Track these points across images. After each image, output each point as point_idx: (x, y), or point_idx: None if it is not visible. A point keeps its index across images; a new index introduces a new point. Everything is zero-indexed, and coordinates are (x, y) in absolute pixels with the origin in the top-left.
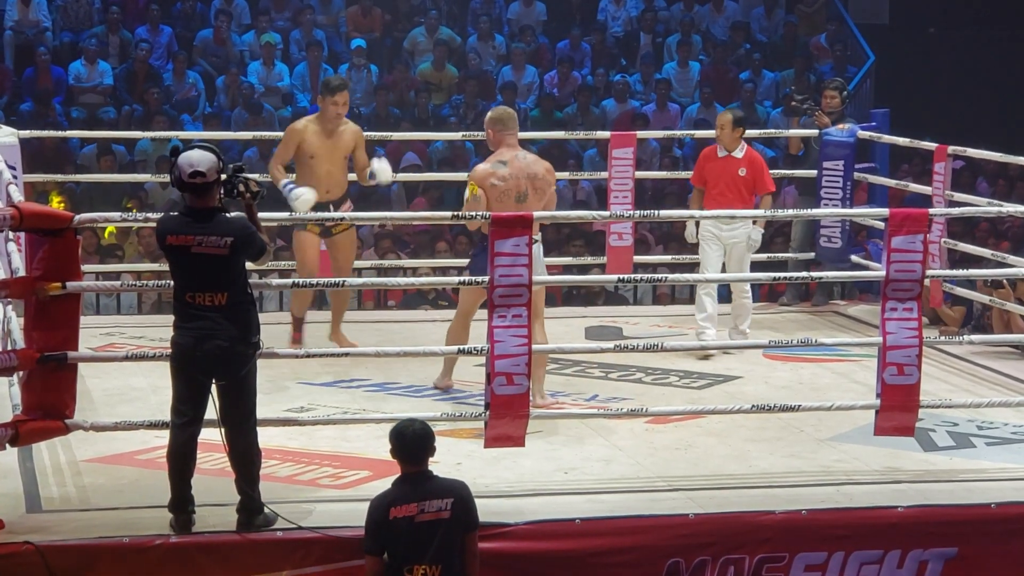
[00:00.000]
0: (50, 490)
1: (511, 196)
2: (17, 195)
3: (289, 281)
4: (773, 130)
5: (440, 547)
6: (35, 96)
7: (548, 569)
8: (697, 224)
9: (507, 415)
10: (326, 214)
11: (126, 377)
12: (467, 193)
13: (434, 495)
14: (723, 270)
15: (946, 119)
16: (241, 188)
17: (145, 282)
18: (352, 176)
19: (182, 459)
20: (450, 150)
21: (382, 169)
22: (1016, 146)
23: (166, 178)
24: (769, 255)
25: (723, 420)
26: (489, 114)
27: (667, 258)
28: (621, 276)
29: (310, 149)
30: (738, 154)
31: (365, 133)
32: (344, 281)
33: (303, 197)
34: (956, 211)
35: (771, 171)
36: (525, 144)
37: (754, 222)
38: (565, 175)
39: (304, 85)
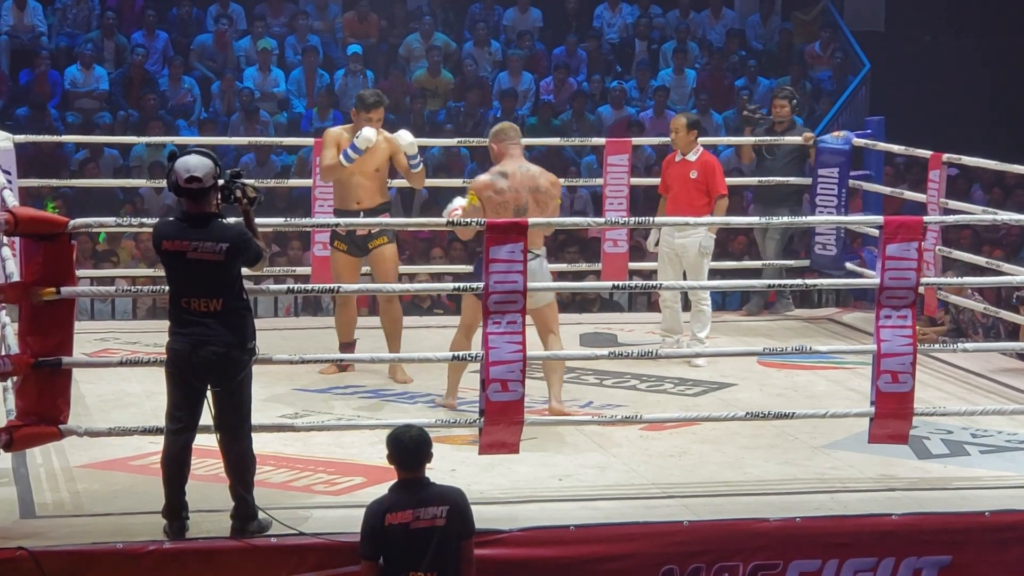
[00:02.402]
0: (44, 496)
1: (509, 208)
2: (12, 200)
3: (284, 287)
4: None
5: (436, 554)
6: (31, 101)
7: None
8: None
9: (502, 421)
10: (351, 220)
11: (120, 382)
12: (465, 202)
13: (430, 502)
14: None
15: (941, 127)
16: (238, 194)
17: (140, 287)
18: (399, 182)
19: (176, 465)
20: (445, 156)
21: (402, 136)
22: (1011, 154)
23: (162, 183)
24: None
25: (718, 427)
26: (492, 129)
27: None
28: (616, 283)
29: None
30: (691, 157)
31: None
32: (339, 287)
33: (362, 135)
34: (951, 219)
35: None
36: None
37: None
38: (561, 181)
39: (300, 91)
